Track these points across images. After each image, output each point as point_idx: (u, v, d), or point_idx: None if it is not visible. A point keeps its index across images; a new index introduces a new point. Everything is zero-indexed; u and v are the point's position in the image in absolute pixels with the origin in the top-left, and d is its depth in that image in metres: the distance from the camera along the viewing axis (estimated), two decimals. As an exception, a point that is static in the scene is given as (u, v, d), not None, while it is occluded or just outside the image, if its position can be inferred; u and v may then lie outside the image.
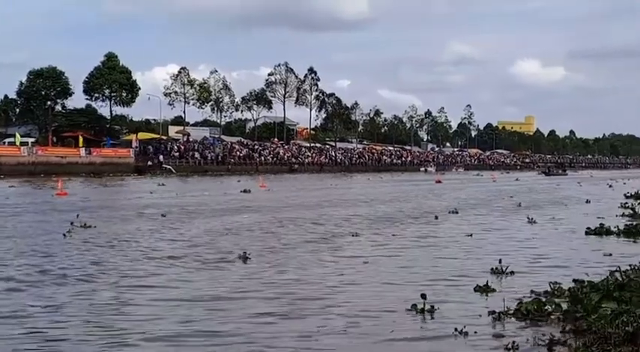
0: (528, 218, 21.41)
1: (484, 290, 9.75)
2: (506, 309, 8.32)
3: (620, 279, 9.00)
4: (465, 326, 7.58)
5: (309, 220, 21.12)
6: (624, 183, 53.56)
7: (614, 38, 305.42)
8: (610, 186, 50.39)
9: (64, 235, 16.36)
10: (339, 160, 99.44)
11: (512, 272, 11.27)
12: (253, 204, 27.80)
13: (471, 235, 17.07)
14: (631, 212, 23.37)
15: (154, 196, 33.29)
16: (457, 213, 24.24)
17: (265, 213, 23.56)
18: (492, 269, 11.44)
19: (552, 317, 8.16)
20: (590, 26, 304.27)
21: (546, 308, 8.35)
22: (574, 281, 9.45)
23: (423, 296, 8.58)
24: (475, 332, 7.57)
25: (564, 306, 8.36)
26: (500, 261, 11.56)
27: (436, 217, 22.22)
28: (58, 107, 76.25)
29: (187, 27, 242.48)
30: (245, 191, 37.25)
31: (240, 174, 68.12)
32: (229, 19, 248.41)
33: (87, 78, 77.41)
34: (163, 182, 48.67)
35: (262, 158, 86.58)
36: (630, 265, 10.11)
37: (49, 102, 74.00)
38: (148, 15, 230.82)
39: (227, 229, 18.31)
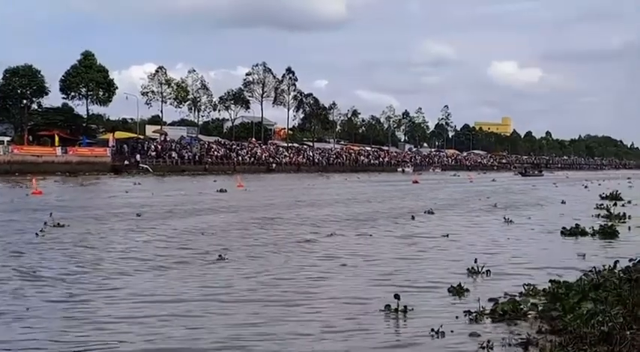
0: (504, 218, 21.53)
1: (460, 290, 9.74)
2: (482, 309, 8.32)
3: (596, 279, 9.04)
4: (441, 326, 7.56)
5: (286, 220, 21.04)
6: (599, 184, 54.06)
7: (589, 41, 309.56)
8: (585, 187, 50.95)
9: (37, 234, 16.15)
10: (316, 160, 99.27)
11: (488, 272, 11.28)
12: (230, 204, 27.62)
13: (447, 235, 17.08)
14: (606, 213, 23.58)
15: (129, 195, 32.97)
16: (433, 213, 24.29)
17: (242, 213, 23.44)
18: (469, 269, 11.45)
19: (528, 317, 8.17)
20: (566, 29, 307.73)
21: (522, 308, 8.37)
22: (550, 281, 9.47)
23: (397, 296, 8.55)
24: (452, 332, 7.55)
25: (540, 306, 8.38)
26: (475, 261, 11.57)
27: (413, 217, 22.26)
28: (34, 106, 75.25)
29: (165, 26, 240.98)
30: (222, 191, 37.05)
31: (217, 174, 67.77)
32: (207, 18, 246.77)
33: (63, 76, 76.47)
34: (139, 181, 48.28)
35: (240, 158, 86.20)
36: (604, 265, 10.15)
37: (24, 101, 73.03)
38: (126, 14, 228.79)
39: (203, 229, 18.15)
